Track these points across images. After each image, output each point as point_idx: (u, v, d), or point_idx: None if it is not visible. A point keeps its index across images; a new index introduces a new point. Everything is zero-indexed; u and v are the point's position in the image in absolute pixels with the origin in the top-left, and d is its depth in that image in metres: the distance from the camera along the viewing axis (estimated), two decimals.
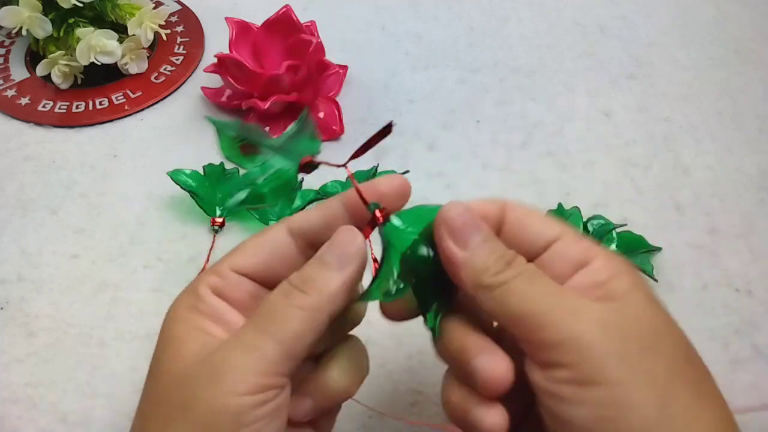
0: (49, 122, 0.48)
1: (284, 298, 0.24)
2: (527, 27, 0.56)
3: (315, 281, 0.24)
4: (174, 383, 0.23)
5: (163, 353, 0.24)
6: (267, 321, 0.23)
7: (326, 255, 0.24)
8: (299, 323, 0.23)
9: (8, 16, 0.45)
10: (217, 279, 0.25)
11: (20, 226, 0.42)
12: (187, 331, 0.24)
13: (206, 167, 0.43)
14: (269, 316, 0.23)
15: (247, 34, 0.47)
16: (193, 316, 0.25)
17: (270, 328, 0.23)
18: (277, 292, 0.24)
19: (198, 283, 0.25)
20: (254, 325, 0.23)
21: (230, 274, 0.25)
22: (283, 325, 0.23)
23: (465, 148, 0.47)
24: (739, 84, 0.52)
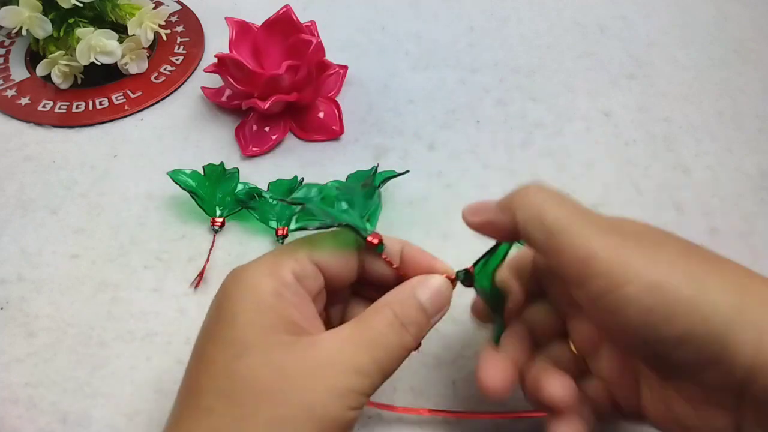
0: (49, 122, 0.48)
1: (395, 335, 0.25)
2: (527, 27, 0.56)
3: (417, 326, 0.26)
4: (272, 375, 0.23)
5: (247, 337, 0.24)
6: (380, 352, 0.25)
7: (426, 301, 0.26)
8: (401, 360, 0.26)
9: (8, 16, 0.45)
10: (298, 266, 0.26)
11: (20, 226, 0.42)
12: (278, 322, 0.24)
13: (206, 167, 0.43)
14: (383, 348, 0.25)
15: (247, 34, 0.47)
16: (281, 303, 0.25)
17: (382, 361, 0.25)
18: (386, 323, 0.25)
19: (280, 266, 0.25)
20: (370, 352, 0.25)
21: (309, 265, 0.26)
22: (393, 360, 0.25)
23: (465, 148, 0.47)
24: (739, 84, 0.52)
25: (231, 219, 0.42)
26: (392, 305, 0.26)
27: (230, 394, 0.23)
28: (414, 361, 0.36)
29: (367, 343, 0.24)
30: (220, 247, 0.41)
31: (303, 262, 0.26)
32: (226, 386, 0.23)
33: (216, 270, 0.40)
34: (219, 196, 0.42)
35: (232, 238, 0.41)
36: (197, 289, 0.39)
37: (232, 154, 0.46)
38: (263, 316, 0.24)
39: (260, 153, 0.46)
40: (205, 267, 0.40)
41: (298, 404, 0.23)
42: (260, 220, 0.41)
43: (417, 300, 0.26)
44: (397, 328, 0.25)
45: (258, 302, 0.24)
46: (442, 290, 0.27)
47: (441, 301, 0.27)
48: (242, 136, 0.46)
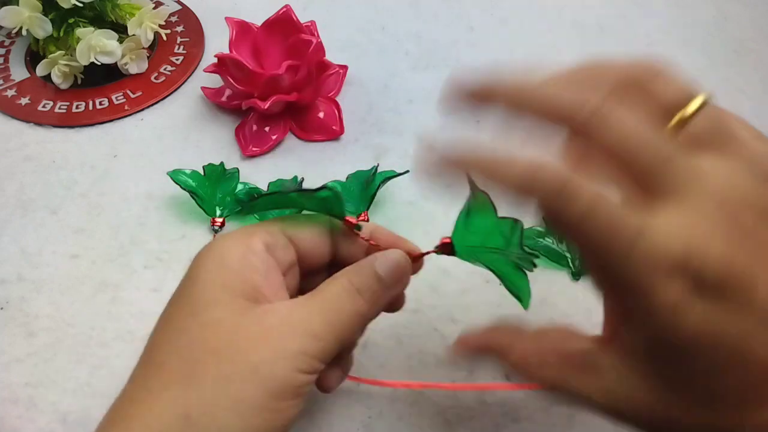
0: (49, 122, 0.48)
1: (349, 300, 0.25)
2: (527, 27, 0.56)
3: (372, 293, 0.26)
4: (224, 334, 0.23)
5: (212, 302, 0.24)
6: (332, 315, 0.25)
7: (382, 271, 0.27)
8: (356, 327, 0.26)
9: (8, 16, 0.45)
10: (270, 237, 0.26)
11: (20, 226, 0.42)
12: (240, 284, 0.24)
13: (206, 167, 0.43)
14: (337, 312, 0.25)
15: (247, 34, 0.47)
16: (246, 268, 0.25)
17: (334, 321, 0.25)
18: (341, 289, 0.26)
19: (251, 235, 0.26)
20: (323, 315, 0.25)
21: (281, 237, 0.27)
22: (346, 325, 0.25)
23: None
24: (739, 84, 0.52)
25: (231, 219, 0.42)
26: (348, 274, 0.26)
27: (181, 351, 0.23)
28: (414, 361, 0.36)
29: (320, 307, 0.25)
30: None
31: (275, 233, 0.26)
32: (179, 342, 0.24)
33: None
34: (219, 196, 0.42)
35: None
36: None
37: (232, 154, 0.46)
38: (224, 278, 0.25)
39: (260, 153, 0.46)
40: None
41: (245, 363, 0.23)
42: (260, 220, 0.41)
43: (373, 269, 0.27)
44: (351, 293, 0.26)
45: (222, 265, 0.25)
46: (400, 262, 0.27)
47: (398, 273, 0.27)
48: (242, 136, 0.46)
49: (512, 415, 0.34)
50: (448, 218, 0.43)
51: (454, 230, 0.29)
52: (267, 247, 0.26)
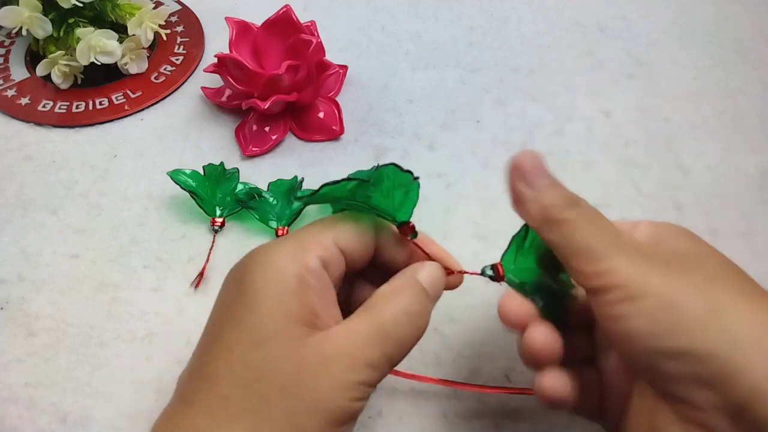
0: (49, 122, 0.48)
1: (406, 327, 0.25)
2: (527, 27, 0.56)
3: (424, 314, 0.26)
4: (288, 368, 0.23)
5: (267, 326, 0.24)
6: (390, 344, 0.25)
7: (429, 286, 0.27)
8: (408, 350, 0.26)
9: (8, 16, 0.45)
10: (325, 252, 0.25)
11: (20, 226, 0.42)
12: (299, 310, 0.24)
13: (206, 167, 0.43)
14: (393, 340, 0.25)
15: (247, 34, 0.47)
16: (303, 290, 0.24)
17: (392, 352, 0.25)
18: (401, 315, 0.25)
19: (307, 251, 0.25)
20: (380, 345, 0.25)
21: (335, 250, 0.26)
22: (400, 352, 0.25)
23: (465, 148, 0.47)
24: (739, 84, 0.52)
25: (231, 219, 0.42)
26: (401, 294, 0.26)
27: (248, 384, 0.23)
28: (414, 361, 0.36)
29: (378, 336, 0.24)
30: (220, 247, 0.41)
31: (329, 246, 0.26)
32: (244, 375, 0.23)
33: (216, 270, 0.40)
34: (219, 196, 0.42)
35: (232, 238, 0.41)
36: (197, 289, 0.39)
37: (232, 154, 0.46)
38: (286, 304, 0.24)
39: (260, 153, 0.46)
40: (205, 267, 0.40)
41: (311, 397, 0.23)
42: (260, 220, 0.41)
43: (421, 286, 0.26)
44: (411, 317, 0.25)
45: (282, 288, 0.24)
46: (440, 277, 0.28)
47: (438, 287, 0.27)
48: (242, 136, 0.46)
49: (512, 415, 0.34)
50: (448, 218, 0.43)
51: (506, 256, 0.29)
52: (323, 264, 0.25)
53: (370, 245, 0.28)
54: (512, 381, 0.36)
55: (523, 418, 0.34)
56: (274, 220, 0.41)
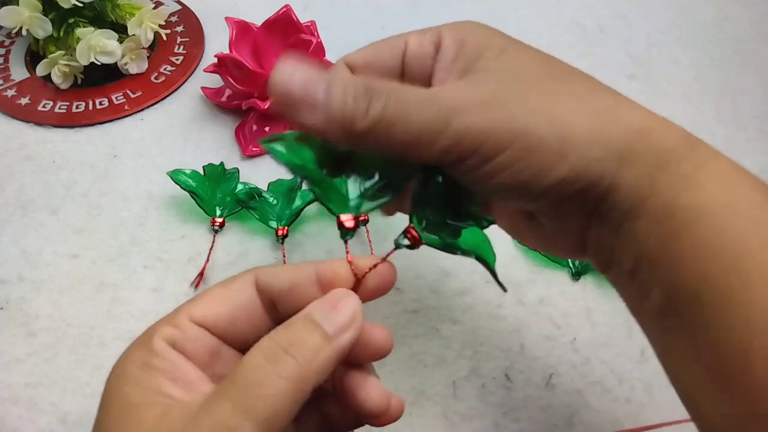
0: (49, 122, 0.48)
1: (268, 364, 0.20)
2: (527, 27, 0.56)
3: (305, 345, 0.21)
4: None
5: (116, 422, 0.21)
6: (247, 396, 0.20)
7: (318, 316, 0.22)
8: (284, 398, 0.20)
9: (8, 16, 0.45)
10: (174, 330, 0.23)
11: (20, 226, 0.42)
12: (143, 395, 0.21)
13: (206, 167, 0.43)
14: (250, 389, 0.20)
15: (247, 34, 0.47)
16: (147, 375, 0.21)
17: (251, 405, 0.20)
18: (258, 354, 0.21)
19: (152, 334, 0.22)
20: (231, 400, 0.20)
21: (189, 326, 0.23)
22: (266, 401, 0.20)
23: None
24: (739, 84, 0.52)
25: (231, 219, 0.42)
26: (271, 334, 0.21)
27: None
28: (414, 361, 0.36)
29: (239, 395, 0.20)
30: (220, 247, 0.41)
31: (180, 324, 0.23)
32: None
33: (216, 270, 0.40)
34: (219, 196, 0.42)
35: (232, 238, 0.41)
36: (197, 289, 0.39)
37: (232, 154, 0.46)
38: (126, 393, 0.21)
39: (260, 153, 0.46)
40: (205, 267, 0.40)
41: None
42: (260, 220, 0.41)
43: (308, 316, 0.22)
44: (269, 351, 0.21)
45: (123, 378, 0.22)
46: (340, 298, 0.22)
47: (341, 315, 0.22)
48: (242, 136, 0.46)
49: (512, 415, 0.35)
50: None
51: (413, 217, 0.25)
52: (171, 343, 0.22)
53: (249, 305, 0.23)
54: (512, 381, 0.36)
55: (523, 418, 0.34)
56: (274, 220, 0.41)
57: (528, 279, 0.40)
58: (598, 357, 0.37)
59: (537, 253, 0.40)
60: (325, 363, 0.21)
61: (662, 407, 0.35)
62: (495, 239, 0.42)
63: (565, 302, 0.39)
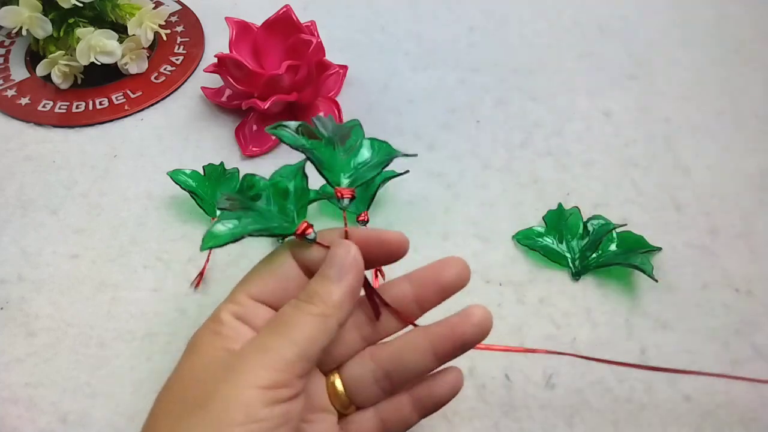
0: (49, 122, 0.48)
1: (294, 309, 0.26)
2: (527, 27, 0.56)
3: (319, 293, 0.26)
4: (191, 383, 0.25)
5: (182, 363, 0.26)
6: (281, 326, 0.25)
7: (326, 269, 0.26)
8: (311, 327, 0.25)
9: (8, 16, 0.45)
10: (237, 307, 0.27)
11: (20, 226, 0.42)
12: (209, 347, 0.26)
13: (206, 167, 0.43)
14: (283, 322, 0.25)
15: (247, 34, 0.47)
16: (216, 338, 0.26)
17: (285, 331, 0.25)
18: (287, 305, 0.26)
19: (219, 311, 0.27)
20: (269, 329, 0.26)
21: (248, 302, 0.27)
22: (297, 328, 0.25)
23: (465, 148, 0.47)
24: (739, 84, 0.52)
25: None
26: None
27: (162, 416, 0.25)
28: None
29: (275, 326, 0.25)
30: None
31: (240, 301, 0.27)
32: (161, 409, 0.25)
33: (216, 270, 0.40)
34: (219, 196, 0.42)
35: None
36: (197, 289, 0.39)
37: (232, 154, 0.46)
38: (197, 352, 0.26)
39: (260, 153, 0.46)
40: (205, 267, 0.40)
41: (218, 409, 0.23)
42: None
43: (320, 273, 0.27)
44: (294, 303, 0.26)
45: (195, 345, 0.26)
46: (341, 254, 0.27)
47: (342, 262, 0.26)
48: (242, 136, 0.46)
49: (512, 415, 0.35)
50: (448, 218, 0.43)
51: None
52: (237, 316, 0.26)
53: (292, 275, 0.28)
54: (511, 380, 0.36)
55: (523, 418, 0.34)
56: None
57: (528, 279, 0.40)
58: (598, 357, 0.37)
59: (537, 253, 0.40)
60: (338, 301, 0.26)
61: (662, 407, 0.35)
62: (494, 238, 0.42)
63: (565, 302, 0.39)
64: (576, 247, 0.41)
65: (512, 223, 0.42)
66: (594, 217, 0.42)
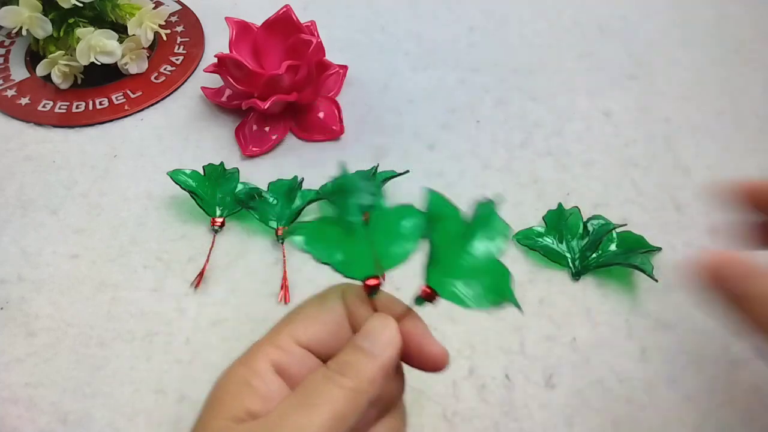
0: (49, 122, 0.48)
1: (325, 379, 0.23)
2: (527, 27, 0.56)
3: (352, 365, 0.24)
4: None
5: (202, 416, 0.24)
6: (313, 398, 0.23)
7: (359, 340, 0.24)
8: (343, 403, 0.23)
9: (8, 16, 0.45)
10: (279, 353, 0.24)
11: (20, 226, 0.42)
12: (232, 402, 0.23)
13: (206, 167, 0.43)
14: (314, 393, 0.23)
15: (247, 34, 0.47)
16: (243, 391, 0.23)
17: (317, 404, 0.22)
18: (317, 374, 0.23)
19: (256, 355, 0.24)
20: (299, 402, 0.23)
21: (294, 348, 0.24)
22: (329, 404, 0.22)
23: (465, 148, 0.47)
24: (739, 84, 0.52)
25: (231, 219, 0.42)
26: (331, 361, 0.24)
27: None
28: None
29: (305, 398, 0.23)
30: (220, 247, 0.41)
31: (285, 345, 0.24)
32: None
33: (216, 270, 0.40)
34: (219, 196, 0.42)
35: (232, 238, 0.41)
36: (197, 289, 0.39)
37: (232, 154, 0.46)
38: (222, 404, 0.23)
39: (260, 153, 0.46)
40: (205, 267, 0.40)
41: None
42: (260, 220, 0.41)
43: (353, 343, 0.24)
44: (324, 372, 0.23)
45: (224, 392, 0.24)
46: (378, 328, 0.24)
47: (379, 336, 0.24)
48: (242, 136, 0.46)
49: (512, 414, 0.35)
50: None
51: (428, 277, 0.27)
52: (276, 367, 0.24)
53: (342, 322, 0.25)
54: (511, 380, 0.36)
55: (523, 418, 0.34)
56: (274, 220, 0.41)
57: (528, 279, 0.40)
58: (598, 357, 0.37)
59: (537, 253, 0.40)
60: (372, 376, 0.23)
61: (662, 407, 0.35)
62: None
63: (565, 302, 0.39)
64: (576, 247, 0.41)
65: (512, 223, 0.42)
66: (594, 217, 0.42)
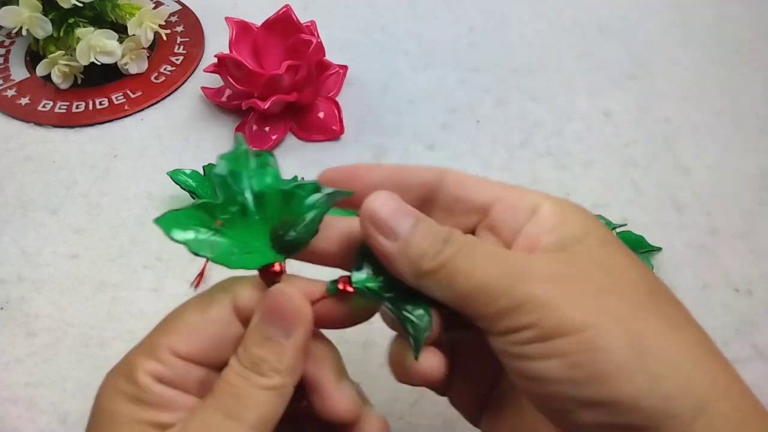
0: (49, 122, 0.48)
1: (243, 381, 0.21)
2: (527, 27, 0.56)
3: (265, 360, 0.21)
4: None
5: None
6: (236, 406, 0.21)
7: (265, 328, 0.22)
8: (268, 404, 0.21)
9: (8, 16, 0.45)
10: (158, 366, 0.22)
11: (20, 226, 0.42)
12: (130, 421, 0.21)
13: (206, 167, 0.43)
14: (235, 400, 0.21)
15: (247, 34, 0.47)
16: (138, 408, 0.22)
17: (241, 414, 0.21)
18: (231, 373, 0.22)
19: (134, 368, 0.22)
20: (221, 411, 0.21)
21: (173, 361, 0.22)
22: (254, 409, 0.21)
23: (465, 148, 0.47)
24: (739, 84, 0.52)
25: None
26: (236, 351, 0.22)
27: None
28: None
29: (228, 405, 0.21)
30: None
31: (166, 360, 0.22)
32: None
33: (216, 270, 0.40)
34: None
35: None
36: (197, 289, 0.39)
37: None
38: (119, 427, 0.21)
39: None
40: (205, 267, 0.40)
41: None
42: None
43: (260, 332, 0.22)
44: (241, 371, 0.22)
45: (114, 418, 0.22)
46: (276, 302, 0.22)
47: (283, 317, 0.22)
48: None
49: None
50: None
51: None
52: (159, 380, 0.22)
53: (230, 333, 0.23)
54: None
55: None
56: None
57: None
58: None
59: None
60: (291, 364, 0.22)
61: None
62: None
63: None
64: None
65: None
66: None
